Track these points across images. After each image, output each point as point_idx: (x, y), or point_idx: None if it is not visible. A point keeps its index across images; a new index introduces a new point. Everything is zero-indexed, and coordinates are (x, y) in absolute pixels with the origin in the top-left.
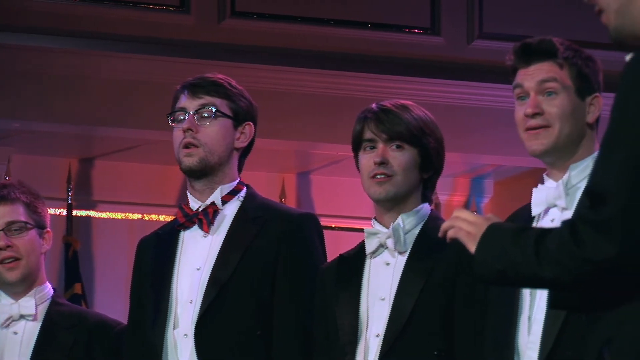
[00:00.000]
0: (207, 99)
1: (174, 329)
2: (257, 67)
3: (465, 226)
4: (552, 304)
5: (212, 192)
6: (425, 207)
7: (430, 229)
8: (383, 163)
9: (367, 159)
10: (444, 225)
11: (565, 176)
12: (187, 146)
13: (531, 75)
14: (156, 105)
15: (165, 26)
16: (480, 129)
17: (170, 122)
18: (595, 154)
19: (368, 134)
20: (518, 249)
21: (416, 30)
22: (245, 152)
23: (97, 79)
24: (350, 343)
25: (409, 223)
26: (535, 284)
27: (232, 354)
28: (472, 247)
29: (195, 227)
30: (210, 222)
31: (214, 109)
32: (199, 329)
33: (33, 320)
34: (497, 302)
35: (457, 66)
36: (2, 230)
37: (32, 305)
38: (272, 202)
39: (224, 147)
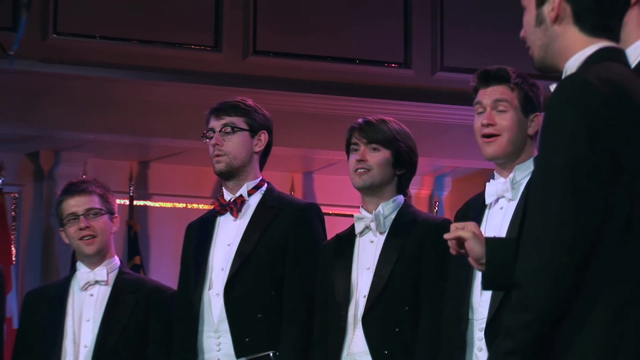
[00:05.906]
0: (227, 119)
1: (209, 290)
2: (273, 93)
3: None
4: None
5: (240, 188)
6: (400, 198)
7: (404, 214)
8: (362, 160)
9: (352, 157)
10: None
11: (512, 174)
12: (216, 156)
13: (488, 95)
14: (196, 121)
15: (203, 61)
16: (442, 139)
17: (204, 139)
18: (535, 156)
19: (354, 140)
20: None
21: (393, 65)
22: (264, 154)
23: (152, 101)
24: (344, 302)
25: (387, 210)
26: None
27: (252, 310)
28: None
29: (228, 213)
30: (239, 210)
31: (232, 126)
32: (227, 290)
33: (105, 284)
34: (456, 270)
35: (423, 92)
36: (82, 215)
37: (104, 273)
38: (286, 194)
39: (244, 153)
